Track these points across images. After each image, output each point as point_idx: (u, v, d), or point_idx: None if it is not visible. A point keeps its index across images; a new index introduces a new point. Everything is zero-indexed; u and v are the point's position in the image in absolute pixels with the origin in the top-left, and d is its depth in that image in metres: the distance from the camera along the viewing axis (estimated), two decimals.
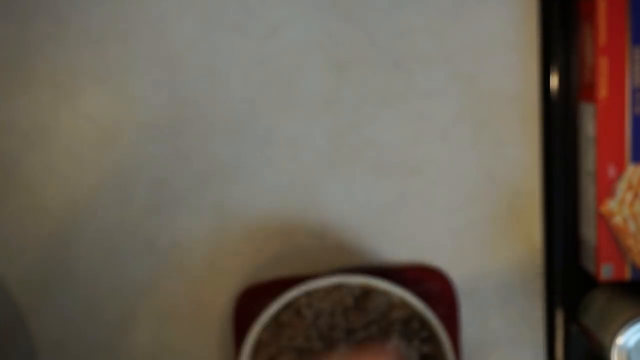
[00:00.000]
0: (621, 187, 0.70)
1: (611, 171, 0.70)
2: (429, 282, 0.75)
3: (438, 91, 0.75)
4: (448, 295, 0.76)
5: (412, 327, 0.73)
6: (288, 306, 0.73)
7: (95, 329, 0.77)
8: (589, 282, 0.74)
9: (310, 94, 0.75)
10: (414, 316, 0.73)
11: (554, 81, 0.74)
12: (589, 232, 0.72)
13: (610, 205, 0.70)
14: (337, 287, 0.73)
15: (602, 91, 0.69)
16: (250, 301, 0.75)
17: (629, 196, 0.70)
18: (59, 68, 0.75)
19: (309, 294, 0.73)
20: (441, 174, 0.76)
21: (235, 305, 0.75)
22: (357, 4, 0.74)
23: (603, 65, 0.69)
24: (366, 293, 0.73)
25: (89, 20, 0.74)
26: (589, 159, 0.71)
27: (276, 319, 0.73)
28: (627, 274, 0.71)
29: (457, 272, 0.77)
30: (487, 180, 0.76)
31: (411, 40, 0.74)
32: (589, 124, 0.71)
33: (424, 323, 0.73)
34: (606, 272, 0.71)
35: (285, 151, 0.76)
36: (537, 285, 0.77)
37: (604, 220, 0.70)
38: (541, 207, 0.76)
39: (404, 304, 0.73)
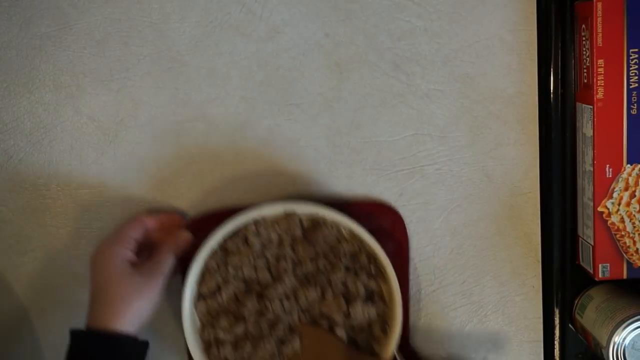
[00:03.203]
0: (618, 187, 0.70)
1: (608, 171, 0.70)
2: (380, 218, 0.74)
3: (437, 92, 0.75)
4: (398, 232, 0.75)
5: (360, 262, 0.72)
6: (236, 234, 0.71)
7: None
8: (587, 281, 0.75)
9: (310, 94, 0.75)
10: (362, 251, 0.72)
11: (552, 82, 0.75)
12: (587, 231, 0.73)
13: (608, 205, 0.71)
14: (286, 218, 0.72)
15: (599, 92, 0.69)
16: (198, 231, 0.73)
17: (625, 196, 0.71)
18: (61, 69, 0.75)
19: (257, 223, 0.71)
20: (440, 173, 0.76)
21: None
22: (357, 6, 0.74)
23: (600, 66, 0.69)
24: (315, 225, 0.72)
25: (91, 22, 0.75)
26: (586, 159, 0.72)
27: (223, 246, 0.72)
28: (624, 273, 0.72)
29: (455, 271, 0.77)
30: (486, 180, 0.76)
31: (411, 41, 0.75)
32: (587, 125, 0.71)
33: (372, 258, 0.72)
34: (603, 271, 0.71)
35: (286, 151, 0.76)
36: (535, 284, 0.77)
37: (601, 219, 0.71)
38: (539, 207, 0.76)
39: (353, 238, 0.72)
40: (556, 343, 0.77)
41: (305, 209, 0.71)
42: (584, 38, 0.71)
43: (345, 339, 0.71)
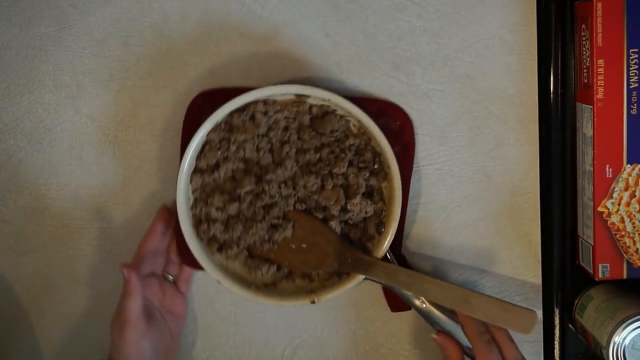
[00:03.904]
0: (618, 187, 0.70)
1: (608, 171, 0.70)
2: (390, 118, 0.73)
3: (437, 92, 0.75)
4: (407, 135, 0.74)
5: (365, 158, 0.72)
6: (243, 111, 0.70)
7: (97, 328, 0.77)
8: (586, 281, 0.75)
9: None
10: (368, 147, 0.72)
11: (552, 82, 0.75)
12: (587, 231, 0.73)
13: (608, 205, 0.71)
14: (297, 103, 0.71)
15: (599, 92, 0.69)
16: (204, 104, 0.72)
17: (625, 196, 0.71)
18: (61, 69, 0.75)
19: (266, 103, 0.70)
20: (440, 173, 0.76)
21: (188, 107, 0.73)
22: (357, 6, 0.74)
23: (600, 66, 0.69)
24: (325, 114, 0.71)
25: (91, 22, 0.75)
26: (586, 159, 0.72)
27: (228, 122, 0.70)
28: (624, 273, 0.72)
29: (455, 271, 0.77)
30: (486, 180, 0.76)
31: (411, 41, 0.75)
32: (587, 125, 0.71)
33: (377, 156, 0.71)
34: (603, 271, 0.71)
35: None
36: (535, 284, 0.77)
37: (601, 219, 0.71)
38: (539, 207, 0.76)
39: (361, 133, 0.71)
40: (556, 343, 0.77)
41: (318, 94, 0.69)
42: (584, 38, 0.71)
43: (339, 232, 0.71)
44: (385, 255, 0.71)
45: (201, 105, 0.72)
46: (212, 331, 0.77)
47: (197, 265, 0.71)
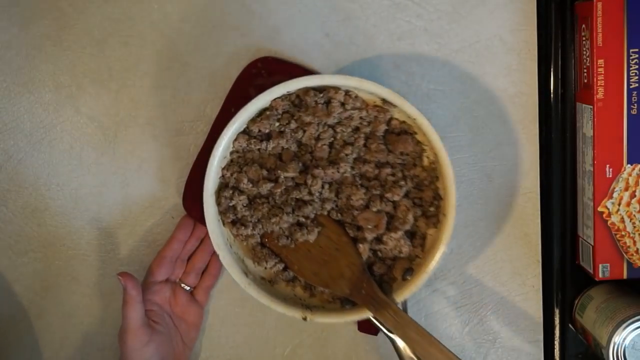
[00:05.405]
0: (618, 187, 0.70)
1: (608, 171, 0.70)
2: None
3: (437, 92, 0.75)
4: None
5: (424, 196, 0.64)
6: (320, 91, 0.62)
7: (97, 328, 0.77)
8: (587, 281, 0.75)
9: None
10: (431, 186, 0.64)
11: (552, 82, 0.75)
12: (587, 231, 0.73)
13: (608, 205, 0.71)
14: (379, 108, 0.63)
15: (599, 92, 0.69)
16: (262, 69, 0.67)
17: (625, 196, 0.71)
18: (61, 69, 0.75)
19: (348, 94, 0.62)
20: None
21: (245, 68, 0.69)
22: (357, 5, 0.74)
23: (600, 66, 0.69)
24: (402, 132, 0.64)
25: (91, 22, 0.75)
26: (586, 159, 0.72)
27: (301, 96, 0.62)
28: (624, 273, 0.72)
29: (455, 271, 0.77)
30: (486, 180, 0.76)
31: (411, 41, 0.75)
32: (587, 125, 0.71)
33: (437, 199, 0.64)
34: (603, 271, 0.71)
35: None
36: (535, 284, 0.77)
37: (601, 219, 0.71)
38: (539, 207, 0.76)
39: (431, 168, 0.64)
40: (556, 343, 0.77)
41: (406, 108, 0.61)
42: (584, 38, 0.71)
43: (365, 257, 0.63)
44: (402, 302, 0.64)
45: (259, 69, 0.66)
46: (212, 331, 0.77)
47: (200, 220, 0.64)
